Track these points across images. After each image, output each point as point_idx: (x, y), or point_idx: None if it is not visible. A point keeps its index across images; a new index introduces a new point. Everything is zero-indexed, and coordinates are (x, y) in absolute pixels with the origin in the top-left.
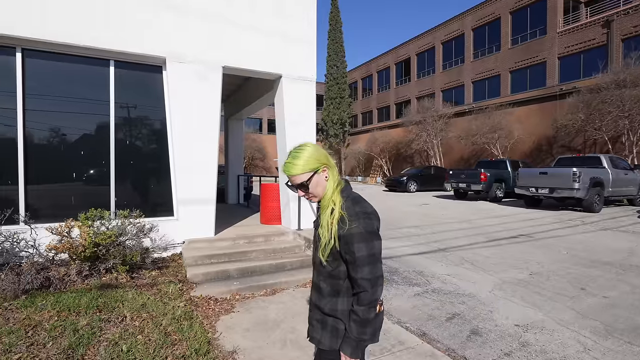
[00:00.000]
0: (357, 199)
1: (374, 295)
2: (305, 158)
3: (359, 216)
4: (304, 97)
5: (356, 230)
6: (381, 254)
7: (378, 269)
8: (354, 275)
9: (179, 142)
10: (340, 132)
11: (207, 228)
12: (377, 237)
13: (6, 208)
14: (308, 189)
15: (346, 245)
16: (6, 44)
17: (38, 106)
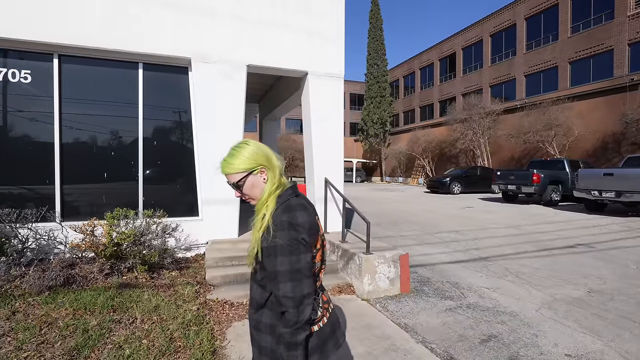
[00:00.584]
0: (290, 206)
1: (299, 316)
2: (242, 157)
3: (283, 226)
4: (331, 93)
5: (278, 242)
6: (311, 269)
7: (304, 286)
8: (276, 292)
9: (202, 142)
10: (380, 132)
11: (230, 229)
12: (304, 251)
13: (43, 206)
14: (242, 189)
15: (267, 258)
16: (45, 51)
17: (72, 109)
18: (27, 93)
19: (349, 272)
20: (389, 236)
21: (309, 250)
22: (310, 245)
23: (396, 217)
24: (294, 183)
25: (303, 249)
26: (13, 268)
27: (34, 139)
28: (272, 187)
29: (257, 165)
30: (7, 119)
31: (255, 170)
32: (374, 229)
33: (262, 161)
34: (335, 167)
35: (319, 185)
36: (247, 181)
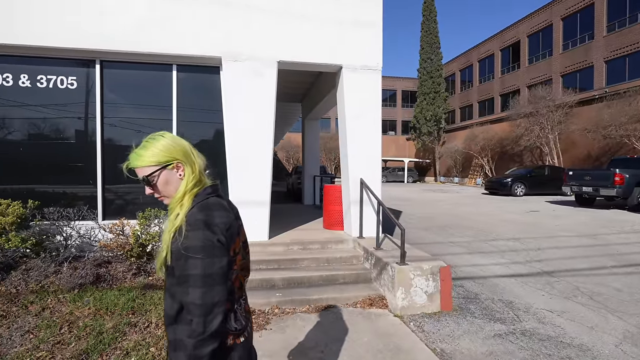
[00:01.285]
0: (207, 205)
1: (206, 326)
2: (154, 149)
3: (198, 226)
4: (367, 87)
5: (191, 243)
6: (226, 275)
7: (216, 293)
8: (183, 299)
9: (233, 141)
10: (434, 130)
11: (261, 231)
12: (219, 254)
13: (85, 206)
14: (154, 186)
15: (177, 262)
16: (88, 57)
17: (112, 113)
18: (73, 98)
19: (381, 283)
20: (436, 242)
21: (226, 253)
22: (228, 248)
23: (447, 221)
24: (216, 182)
25: (218, 251)
26: (52, 265)
27: (78, 141)
28: (189, 184)
29: (172, 159)
30: (56, 122)
31: (170, 165)
32: (420, 233)
33: (179, 155)
34: (372, 167)
35: (354, 187)
36: (161, 176)
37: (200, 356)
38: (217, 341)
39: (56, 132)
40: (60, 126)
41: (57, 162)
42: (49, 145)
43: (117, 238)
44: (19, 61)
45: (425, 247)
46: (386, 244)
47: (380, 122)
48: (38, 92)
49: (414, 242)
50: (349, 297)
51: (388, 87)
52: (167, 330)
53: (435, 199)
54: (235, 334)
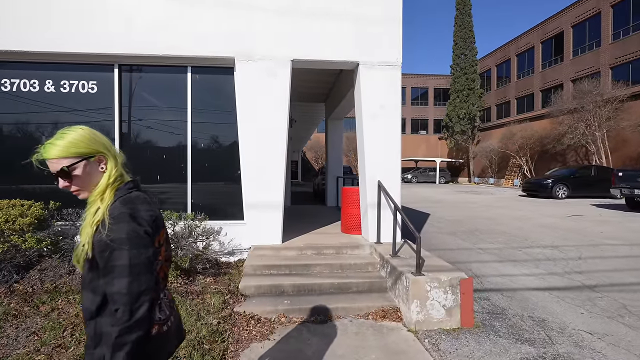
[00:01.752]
0: (130, 199)
1: (133, 314)
2: (73, 140)
3: (123, 218)
4: (385, 84)
5: (116, 235)
6: (152, 265)
7: (143, 282)
8: (108, 290)
9: (246, 143)
10: (468, 128)
11: (274, 235)
12: (145, 244)
13: None
14: (71, 178)
15: (101, 254)
16: (107, 62)
17: (129, 116)
18: (94, 102)
19: (396, 294)
20: (462, 249)
21: (152, 244)
22: (153, 239)
23: (477, 225)
24: (136, 178)
25: (144, 242)
26: (66, 265)
27: None
28: (111, 178)
29: (94, 151)
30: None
31: (92, 157)
32: (446, 239)
33: (101, 148)
34: (391, 169)
35: (371, 190)
36: (82, 169)
37: (124, 343)
38: (143, 330)
39: None
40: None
41: None
42: None
43: None
44: (44, 68)
45: (449, 254)
46: (404, 251)
47: (399, 121)
48: (62, 97)
49: (437, 248)
50: (360, 308)
51: (419, 85)
52: (86, 328)
53: (467, 200)
54: (159, 323)
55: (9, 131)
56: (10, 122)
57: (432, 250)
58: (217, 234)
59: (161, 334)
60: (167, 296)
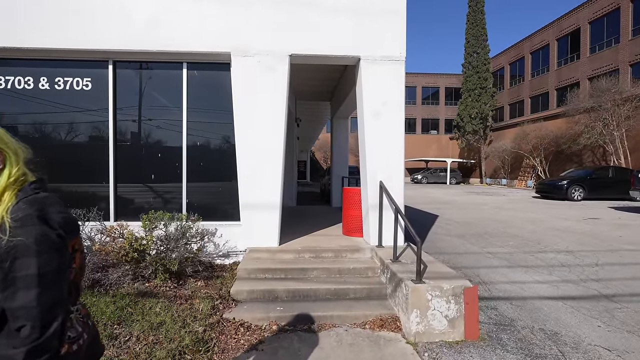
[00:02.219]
0: (37, 200)
1: (44, 331)
2: None
3: (30, 221)
4: (388, 80)
5: (21, 240)
6: (65, 273)
7: (55, 293)
8: (8, 305)
9: (243, 142)
10: (480, 128)
11: (270, 237)
12: (58, 249)
13: (96, 206)
14: None
15: (1, 264)
16: (102, 58)
17: (124, 112)
18: (88, 99)
19: (396, 302)
20: (470, 253)
21: (65, 248)
22: (66, 244)
23: (487, 228)
24: (43, 177)
25: (57, 246)
26: None
27: (92, 142)
28: (11, 177)
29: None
30: (73, 123)
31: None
32: (454, 242)
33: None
34: (393, 169)
35: (372, 191)
36: None
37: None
38: (55, 348)
39: (73, 133)
40: (76, 127)
41: (73, 162)
42: (66, 146)
43: (112, 242)
44: (39, 64)
45: (455, 259)
46: (406, 256)
47: (402, 119)
48: (56, 94)
49: (444, 252)
50: (357, 316)
51: (430, 84)
52: None
53: (478, 202)
54: (69, 342)
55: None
56: (5, 120)
57: (438, 254)
58: (212, 236)
59: (70, 354)
60: (80, 311)
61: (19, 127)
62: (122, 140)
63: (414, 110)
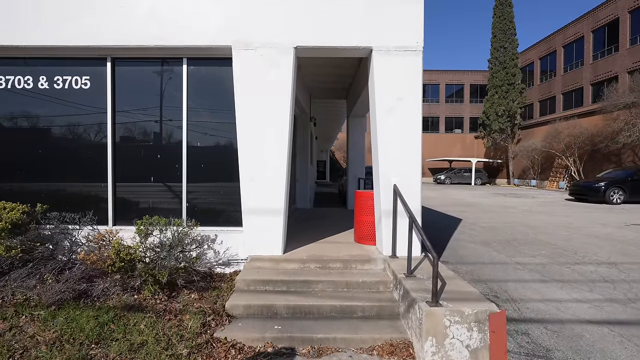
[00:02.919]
0: None
1: None
2: None
3: None
4: (404, 73)
5: None
6: None
7: None
8: None
9: (245, 142)
10: (507, 126)
11: (273, 244)
12: None
13: (92, 210)
14: None
15: None
16: (100, 55)
17: (124, 111)
18: (87, 98)
19: (409, 324)
20: (496, 263)
21: None
22: None
23: (516, 234)
24: None
25: None
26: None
27: (90, 142)
28: None
29: None
30: (72, 123)
31: None
32: (478, 250)
33: None
34: (409, 171)
35: (385, 195)
36: None
37: None
38: None
39: (72, 133)
40: (75, 127)
41: (72, 163)
42: (65, 146)
43: (98, 250)
44: (38, 63)
45: (479, 270)
46: (423, 270)
47: (420, 116)
48: (55, 93)
49: (466, 262)
50: (364, 339)
51: (454, 81)
52: None
53: (505, 204)
54: None
55: (6, 129)
56: (6, 120)
57: (460, 263)
58: (212, 242)
59: None
60: None
61: (20, 128)
62: (121, 141)
63: (437, 109)
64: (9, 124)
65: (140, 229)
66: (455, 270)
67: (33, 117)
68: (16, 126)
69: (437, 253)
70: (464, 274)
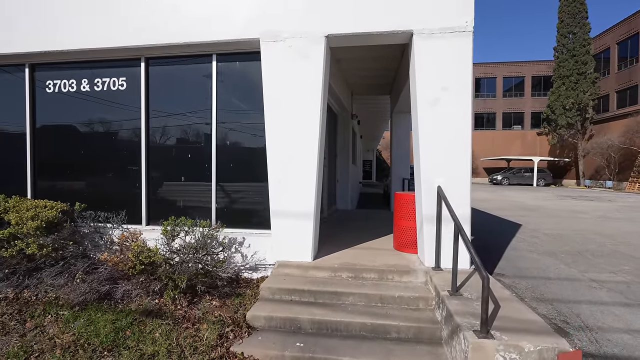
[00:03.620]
0: None
1: None
2: None
3: None
4: (448, 58)
5: None
6: None
7: None
8: None
9: (274, 140)
10: (576, 121)
11: (303, 250)
12: None
13: (125, 209)
14: None
15: None
16: (134, 56)
17: (157, 112)
18: (123, 99)
19: (453, 355)
20: (565, 279)
21: None
22: None
23: (589, 244)
24: None
25: None
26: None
27: (126, 142)
28: None
29: None
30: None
31: None
32: (542, 261)
33: None
34: (456, 171)
35: (428, 198)
36: None
37: None
38: None
39: (110, 133)
40: (112, 128)
41: (110, 163)
42: (103, 148)
43: (120, 252)
44: (79, 67)
45: (543, 287)
46: (472, 286)
47: (470, 108)
48: (96, 95)
49: (526, 275)
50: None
51: (513, 74)
52: None
53: (574, 208)
54: None
55: (55, 130)
56: (55, 122)
57: (519, 277)
58: (239, 245)
59: None
60: None
61: (66, 129)
62: (153, 141)
63: (493, 104)
64: (54, 125)
65: (167, 229)
66: (512, 285)
67: (76, 118)
68: (60, 127)
69: (491, 264)
70: (523, 291)
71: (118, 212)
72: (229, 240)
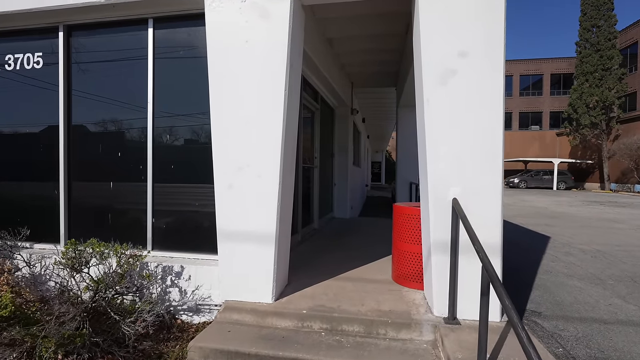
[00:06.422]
0: None
1: None
2: None
3: None
4: (470, 10)
5: None
6: None
7: None
8: None
9: (221, 135)
10: (601, 120)
11: (261, 286)
12: None
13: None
14: None
15: None
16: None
17: (80, 93)
18: (38, 79)
19: None
20: (627, 322)
21: None
22: None
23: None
24: None
25: None
26: None
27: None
28: None
29: None
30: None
31: None
32: (586, 292)
33: None
34: (480, 177)
35: (437, 215)
36: None
37: None
38: None
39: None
40: (27, 115)
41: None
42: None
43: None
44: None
45: (599, 339)
46: (507, 354)
47: (502, 83)
48: (7, 75)
49: (571, 316)
50: None
51: (531, 71)
52: None
53: (606, 217)
54: None
55: None
56: None
57: (563, 319)
58: (177, 277)
59: None
60: None
61: None
62: (74, 134)
63: (509, 103)
64: None
65: (67, 258)
66: (556, 334)
67: None
68: None
69: (522, 294)
70: (573, 344)
71: (26, 226)
72: (162, 269)
